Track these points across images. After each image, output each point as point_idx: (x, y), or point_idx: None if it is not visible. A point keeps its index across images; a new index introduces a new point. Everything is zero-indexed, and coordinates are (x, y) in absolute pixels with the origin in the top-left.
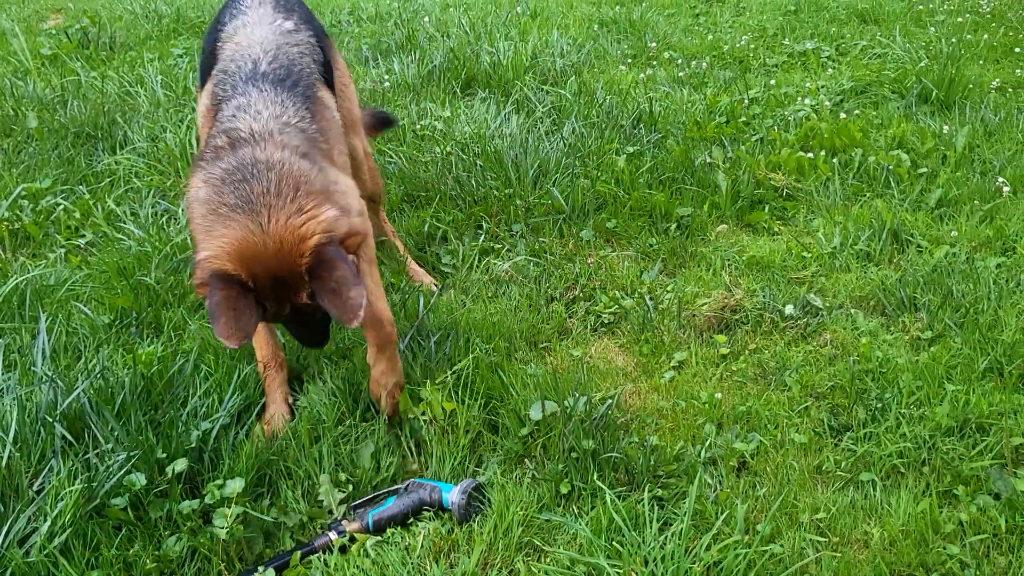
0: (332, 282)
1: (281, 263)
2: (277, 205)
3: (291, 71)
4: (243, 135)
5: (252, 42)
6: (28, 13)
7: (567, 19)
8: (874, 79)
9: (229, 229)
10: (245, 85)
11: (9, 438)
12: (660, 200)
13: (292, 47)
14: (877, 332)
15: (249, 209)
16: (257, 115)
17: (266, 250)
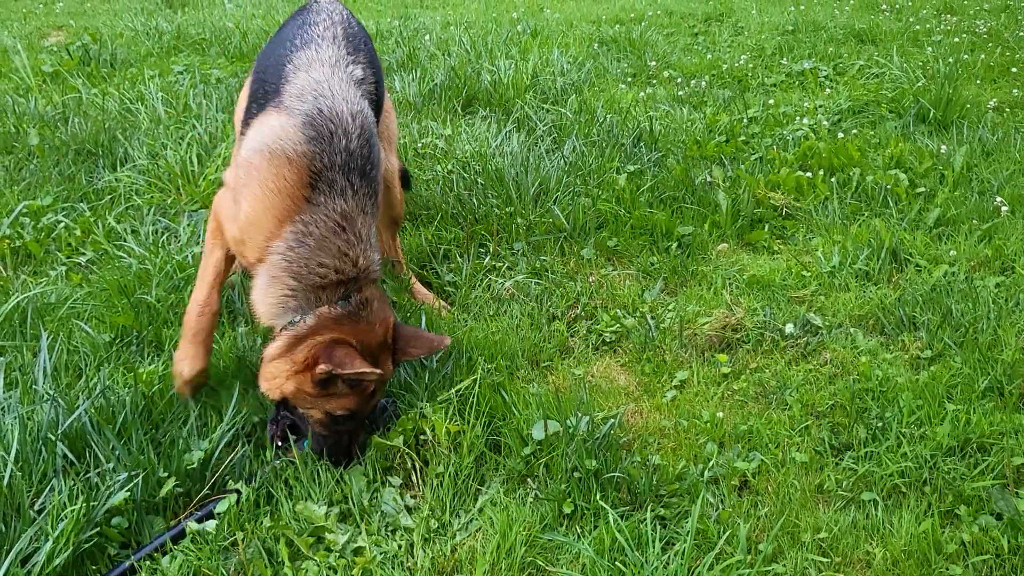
0: (410, 332)
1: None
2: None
3: (370, 144)
4: (351, 274)
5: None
6: (30, 30)
7: (567, 38)
8: (872, 99)
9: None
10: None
11: (11, 457)
12: (661, 219)
13: (364, 100)
14: (877, 351)
15: (359, 321)
16: (359, 241)
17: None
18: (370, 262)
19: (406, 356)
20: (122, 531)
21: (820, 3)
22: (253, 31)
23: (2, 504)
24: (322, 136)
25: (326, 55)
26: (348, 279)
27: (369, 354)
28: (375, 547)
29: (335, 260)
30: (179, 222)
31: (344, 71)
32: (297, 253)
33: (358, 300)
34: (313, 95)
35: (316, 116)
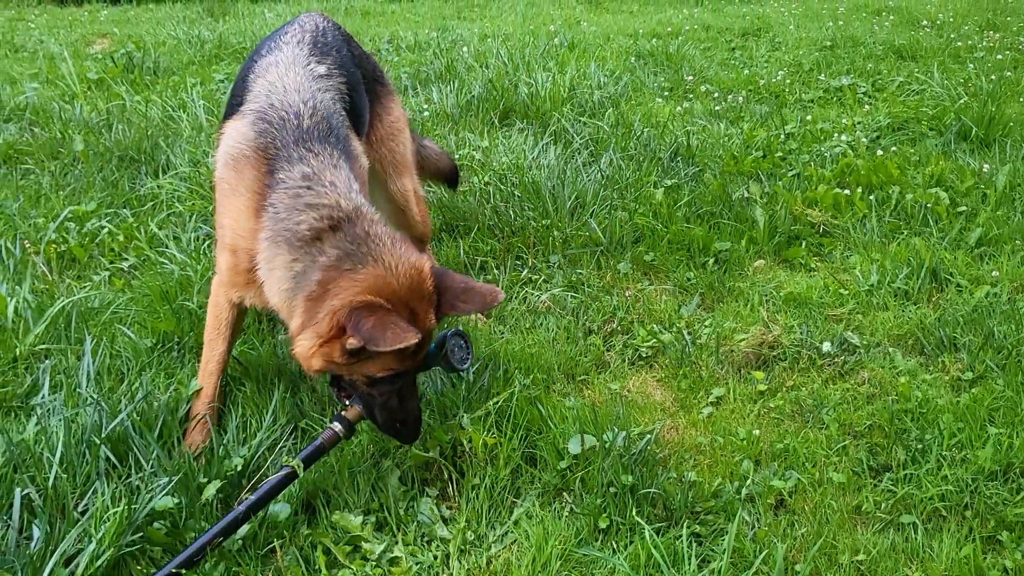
0: (460, 283)
1: (410, 288)
2: (396, 253)
3: (330, 125)
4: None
5: (287, 87)
6: (75, 38)
7: (604, 51)
8: (912, 116)
9: (358, 279)
10: (295, 148)
11: (56, 459)
12: (698, 234)
13: (324, 93)
14: (916, 372)
15: (374, 262)
16: (333, 189)
17: (399, 284)
18: (354, 203)
19: (455, 311)
20: (166, 533)
21: (859, 19)
22: None
23: (48, 505)
24: (272, 125)
25: (285, 57)
26: (334, 222)
27: (403, 305)
28: (411, 557)
29: (311, 212)
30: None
31: (302, 68)
32: (278, 228)
33: (353, 235)
34: (265, 94)
35: (266, 110)
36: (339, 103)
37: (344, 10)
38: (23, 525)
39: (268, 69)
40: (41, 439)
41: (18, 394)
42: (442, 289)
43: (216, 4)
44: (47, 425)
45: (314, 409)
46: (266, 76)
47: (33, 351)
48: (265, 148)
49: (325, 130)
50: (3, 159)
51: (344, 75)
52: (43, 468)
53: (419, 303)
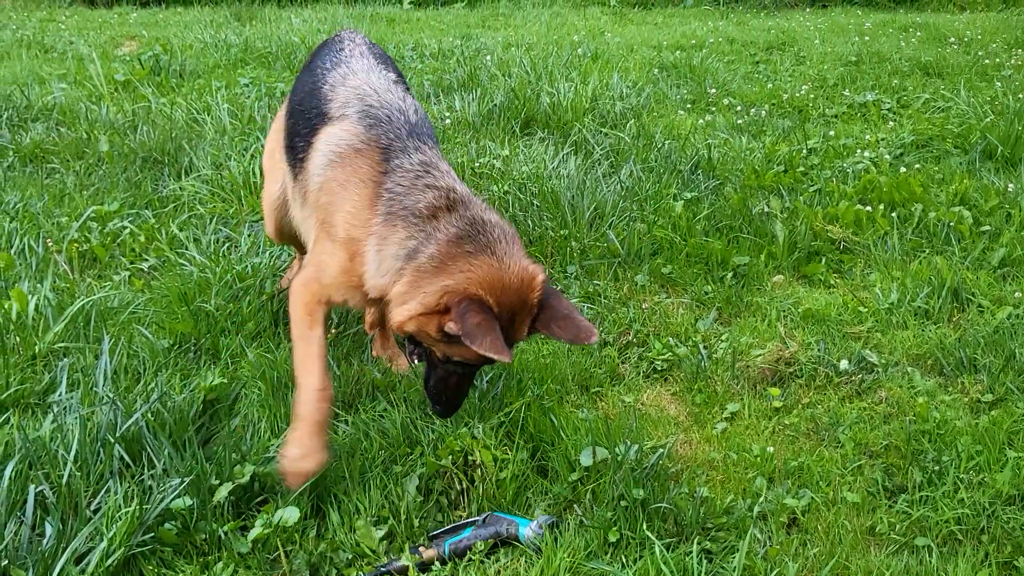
0: (563, 309)
1: (519, 295)
2: (509, 251)
3: (429, 124)
4: (454, 198)
5: (378, 89)
6: (105, 39)
7: (627, 62)
8: (936, 133)
9: (474, 266)
10: (410, 140)
11: (71, 456)
12: (717, 248)
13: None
14: (935, 392)
15: (490, 252)
16: (448, 175)
17: (508, 283)
18: (466, 191)
19: (547, 332)
20: (177, 534)
21: (885, 34)
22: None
23: (61, 503)
24: (380, 121)
25: (358, 66)
26: (453, 202)
27: (507, 311)
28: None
29: (429, 192)
30: (240, 232)
31: (381, 74)
32: (394, 208)
33: (471, 217)
34: (358, 98)
35: (368, 109)
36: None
37: (369, 17)
38: (36, 522)
39: (346, 79)
40: (57, 436)
41: (36, 391)
42: (545, 306)
43: (243, 9)
44: (63, 423)
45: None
46: (346, 85)
47: (52, 349)
48: (377, 139)
49: (430, 128)
50: (30, 158)
51: (404, 84)
52: (58, 466)
53: (521, 311)
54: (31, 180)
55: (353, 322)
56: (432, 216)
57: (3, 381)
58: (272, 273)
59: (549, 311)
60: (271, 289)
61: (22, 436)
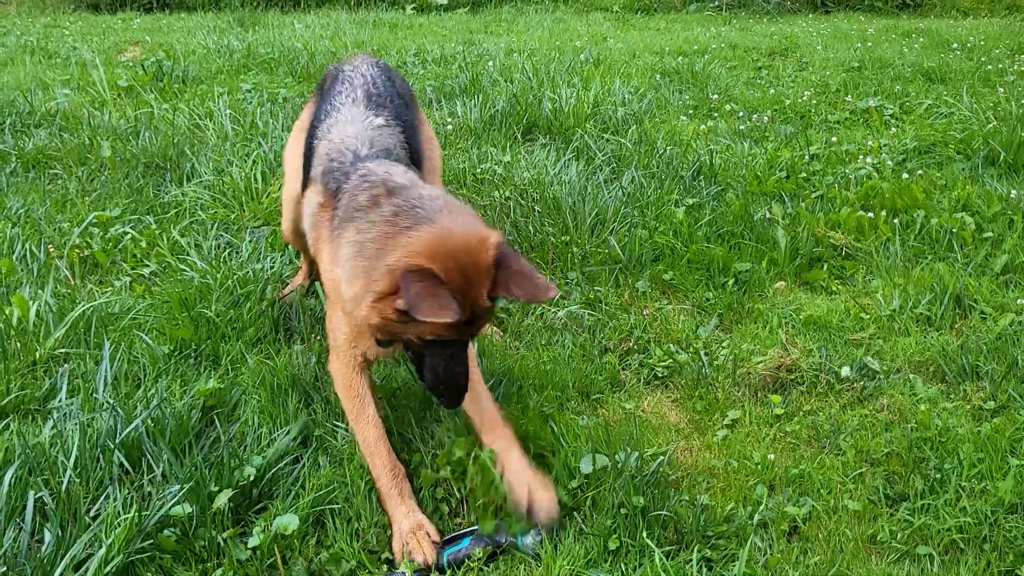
0: (519, 266)
1: (469, 256)
2: (453, 219)
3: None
4: (394, 184)
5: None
6: (108, 45)
7: (629, 68)
8: (939, 139)
9: (413, 237)
10: (353, 166)
11: (70, 463)
12: (718, 254)
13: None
14: (936, 399)
15: (434, 219)
16: (389, 172)
17: (455, 246)
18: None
19: (505, 293)
20: (176, 540)
21: (888, 40)
22: (320, 52)
23: (60, 509)
24: (333, 170)
25: (344, 116)
26: (392, 188)
27: (458, 276)
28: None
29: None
30: (241, 238)
31: (361, 122)
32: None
33: (409, 195)
34: (326, 153)
35: (328, 164)
36: (399, 147)
37: (372, 23)
38: (35, 528)
39: (329, 131)
40: (57, 442)
41: (36, 397)
42: (501, 266)
43: (247, 15)
44: (63, 429)
45: (328, 420)
46: (328, 137)
47: (52, 355)
48: (329, 189)
49: (382, 153)
50: (32, 163)
51: (400, 123)
52: (57, 472)
53: (475, 273)
54: (33, 186)
55: None
56: (373, 204)
57: (3, 387)
58: (274, 279)
59: (506, 271)
60: (272, 295)
61: (22, 442)
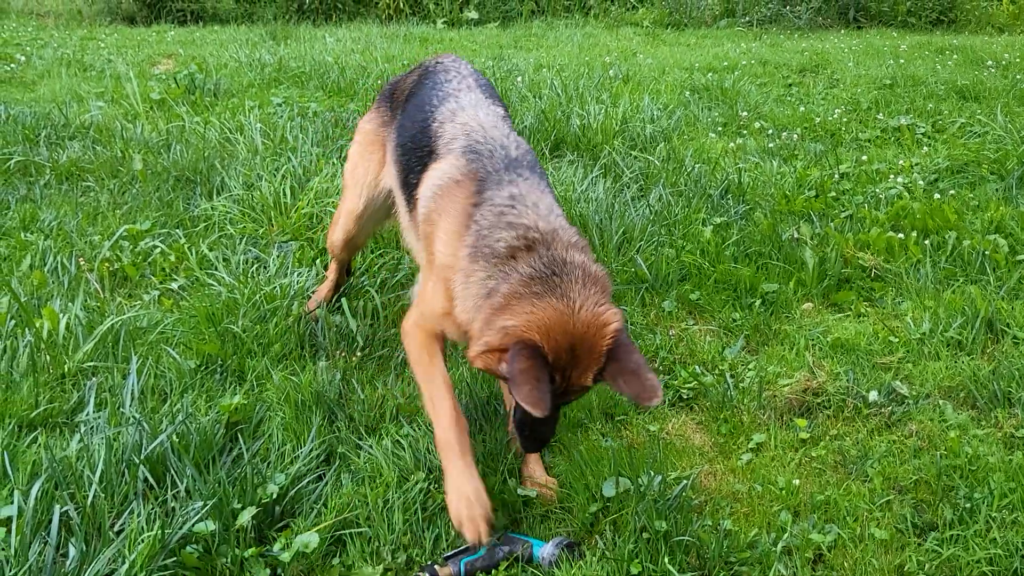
0: (631, 363)
1: (584, 341)
2: (584, 294)
3: (534, 158)
4: (534, 237)
5: (482, 122)
6: (142, 58)
7: (659, 84)
8: (972, 159)
9: (537, 308)
10: (506, 173)
11: (96, 477)
12: (746, 274)
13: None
14: (967, 426)
15: (559, 295)
16: (535, 210)
17: (573, 328)
18: (554, 226)
19: (611, 383)
20: (199, 557)
21: (921, 57)
22: (351, 66)
23: (85, 524)
24: (481, 155)
25: (467, 101)
26: (532, 241)
27: (567, 357)
28: None
29: (511, 230)
30: (269, 253)
31: (488, 108)
32: (479, 244)
33: (549, 258)
34: (464, 134)
35: (472, 144)
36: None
37: (403, 37)
38: (60, 543)
39: (455, 115)
40: (83, 456)
41: (64, 410)
42: (613, 357)
43: (279, 28)
44: (90, 443)
45: (351, 437)
46: (455, 120)
47: (81, 368)
48: (475, 172)
49: (532, 161)
50: (66, 176)
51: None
52: (83, 486)
53: (586, 356)
54: (66, 198)
55: (378, 345)
56: (511, 256)
57: (32, 400)
58: (300, 294)
59: (616, 363)
60: (298, 310)
61: (49, 456)
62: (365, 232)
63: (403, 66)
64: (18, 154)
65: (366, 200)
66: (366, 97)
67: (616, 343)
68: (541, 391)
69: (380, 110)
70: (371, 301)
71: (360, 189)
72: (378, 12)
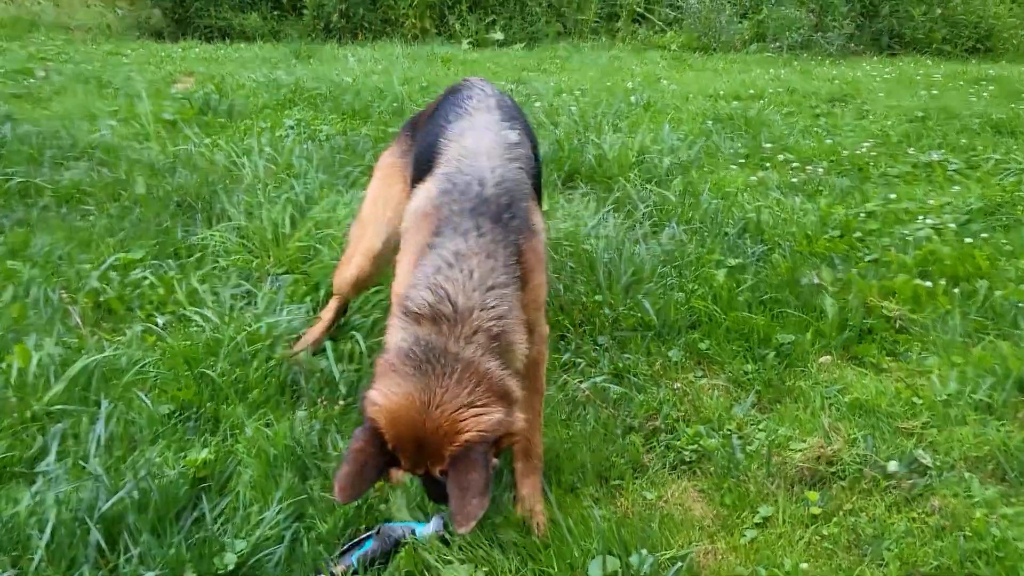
0: (464, 480)
1: (431, 440)
2: (452, 392)
3: (512, 197)
4: (444, 311)
5: (479, 148)
6: (163, 75)
7: (680, 112)
8: (1007, 199)
9: (397, 391)
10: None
11: (43, 543)
12: (760, 323)
13: (514, 163)
14: (995, 503)
15: (422, 386)
16: (468, 278)
17: (423, 427)
18: (475, 304)
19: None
20: None
21: (955, 87)
22: (368, 88)
23: None
24: (455, 187)
25: (479, 122)
26: (439, 315)
27: (409, 441)
28: None
29: (431, 293)
30: (260, 288)
31: (496, 135)
32: (409, 292)
33: (438, 342)
34: (456, 158)
35: (453, 172)
36: (530, 177)
37: (426, 57)
38: None
39: (463, 134)
40: (36, 513)
41: (25, 458)
42: (453, 466)
43: (302, 46)
44: (44, 498)
45: (326, 496)
46: (461, 141)
47: (48, 411)
48: (439, 208)
49: (504, 205)
50: (66, 199)
51: (532, 145)
52: (30, 548)
53: (432, 452)
54: (63, 222)
55: None
56: (417, 320)
57: None
58: (286, 336)
59: (453, 473)
60: (281, 353)
61: None
62: (380, 272)
63: (421, 88)
64: (19, 175)
65: (385, 238)
66: (379, 121)
67: (460, 454)
68: (349, 477)
69: (401, 140)
70: (357, 345)
71: (379, 227)
72: (403, 32)
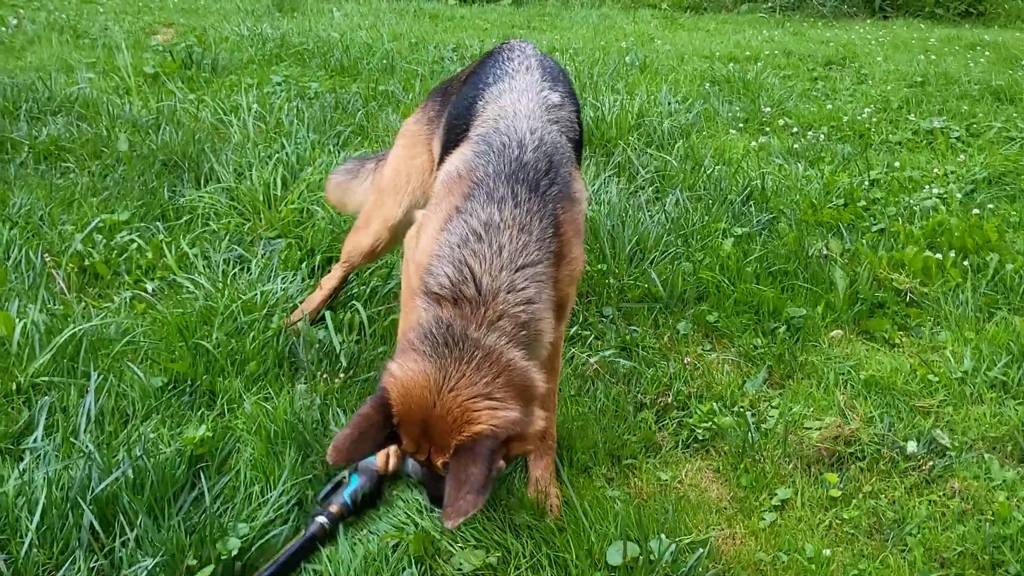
0: (464, 473)
1: (438, 425)
2: (469, 379)
3: (552, 162)
4: (467, 293)
5: (518, 108)
6: (141, 26)
7: (677, 74)
8: (1010, 168)
9: (414, 367)
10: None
11: (32, 525)
12: (769, 296)
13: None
14: (1016, 485)
15: (439, 367)
16: (496, 255)
17: (432, 409)
18: (501, 286)
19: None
20: None
21: (951, 52)
22: (356, 44)
23: None
24: (492, 148)
25: (518, 84)
26: (461, 297)
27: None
28: None
29: (455, 270)
30: (254, 252)
31: (536, 95)
32: (432, 265)
33: (459, 326)
34: (494, 119)
35: (491, 133)
36: (571, 141)
37: (413, 12)
38: None
39: (501, 95)
40: (24, 492)
41: (10, 432)
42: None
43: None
44: (33, 477)
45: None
46: (498, 102)
47: (34, 383)
48: (473, 171)
49: (543, 171)
50: (45, 155)
51: (574, 107)
52: (20, 531)
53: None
54: (42, 180)
55: (364, 367)
56: (438, 300)
57: None
58: (282, 303)
59: (454, 463)
60: (279, 323)
61: None
62: (398, 242)
63: (410, 44)
64: None
65: (407, 209)
66: (369, 78)
67: (465, 445)
68: (346, 440)
69: (428, 106)
70: (357, 314)
71: (401, 196)
72: None
